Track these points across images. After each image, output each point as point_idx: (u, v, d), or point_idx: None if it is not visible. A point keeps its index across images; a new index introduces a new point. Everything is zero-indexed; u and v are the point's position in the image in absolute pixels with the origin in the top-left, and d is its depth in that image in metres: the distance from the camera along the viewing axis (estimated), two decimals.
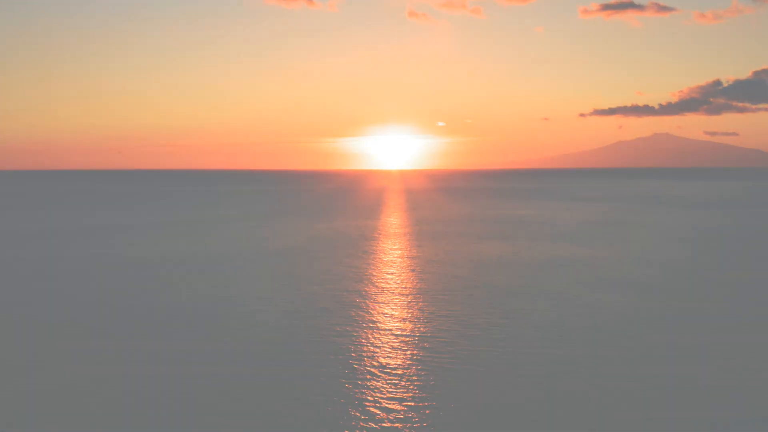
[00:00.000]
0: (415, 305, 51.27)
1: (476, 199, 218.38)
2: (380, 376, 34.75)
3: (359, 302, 52.41)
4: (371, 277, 64.18)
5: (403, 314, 48.40)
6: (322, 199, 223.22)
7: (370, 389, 32.75)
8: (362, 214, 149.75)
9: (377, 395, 31.93)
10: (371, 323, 45.78)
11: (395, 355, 38.47)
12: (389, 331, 43.83)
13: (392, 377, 34.49)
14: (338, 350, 39.24)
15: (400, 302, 52.50)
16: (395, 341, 41.30)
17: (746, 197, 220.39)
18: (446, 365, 36.31)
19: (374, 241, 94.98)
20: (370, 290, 57.39)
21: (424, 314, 48.17)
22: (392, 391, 32.52)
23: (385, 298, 54.21)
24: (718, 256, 78.49)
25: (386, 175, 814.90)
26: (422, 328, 44.39)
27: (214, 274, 65.81)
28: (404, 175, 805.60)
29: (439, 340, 41.35)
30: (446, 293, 55.59)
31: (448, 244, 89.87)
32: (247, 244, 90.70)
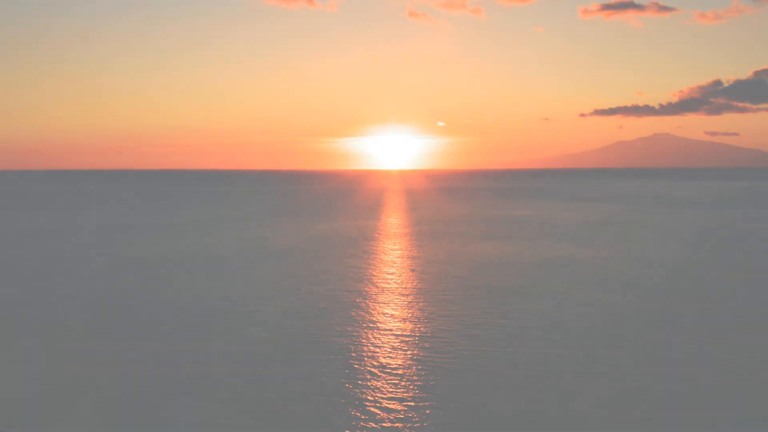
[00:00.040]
0: (415, 305, 51.27)
1: (476, 199, 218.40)
2: (380, 376, 34.75)
3: (359, 302, 52.42)
4: (371, 277, 64.18)
5: (403, 314, 48.40)
6: (322, 199, 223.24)
7: (370, 389, 32.74)
8: (362, 214, 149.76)
9: (377, 395, 31.93)
10: (371, 323, 45.78)
11: (395, 355, 38.47)
12: (389, 331, 43.83)
13: (392, 377, 34.50)
14: (338, 350, 39.24)
15: (400, 302, 52.51)
16: (395, 341, 41.30)
17: (746, 197, 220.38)
18: (446, 365, 36.32)
19: (374, 241, 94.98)
20: (370, 290, 57.39)
21: (424, 314, 48.18)
22: (392, 391, 32.51)
23: (385, 298, 54.22)
24: (718, 256, 78.49)
25: (386, 175, 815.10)
26: (422, 328, 44.39)
27: (213, 274, 65.82)
28: (404, 175, 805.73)
29: (439, 340, 41.36)
30: (446, 293, 55.59)
31: (448, 244, 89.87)
32: (247, 244, 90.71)
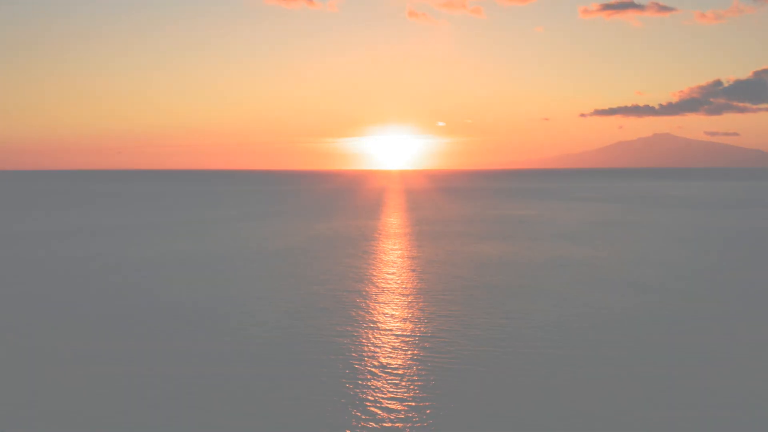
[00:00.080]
0: (415, 305, 51.25)
1: (476, 199, 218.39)
2: (381, 376, 34.74)
3: (359, 302, 52.41)
4: (371, 277, 64.16)
5: (403, 314, 48.39)
6: (322, 199, 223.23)
7: (370, 389, 32.73)
8: (362, 214, 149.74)
9: (378, 395, 31.92)
10: (371, 323, 45.77)
11: (396, 355, 38.45)
12: (390, 331, 43.82)
13: (393, 377, 34.48)
14: (338, 350, 39.23)
15: (400, 302, 52.49)
16: (396, 341, 41.29)
17: (747, 197, 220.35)
18: (447, 365, 36.30)
19: (374, 241, 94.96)
20: (370, 290, 57.37)
21: (424, 314, 48.16)
22: (393, 391, 32.50)
23: (385, 298, 54.20)
24: (718, 256, 78.46)
25: (386, 175, 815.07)
26: (423, 328, 44.38)
27: (214, 274, 65.80)
28: (404, 175, 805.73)
29: (439, 340, 41.34)
30: (446, 293, 55.58)
31: (448, 244, 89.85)
32: (247, 244, 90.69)
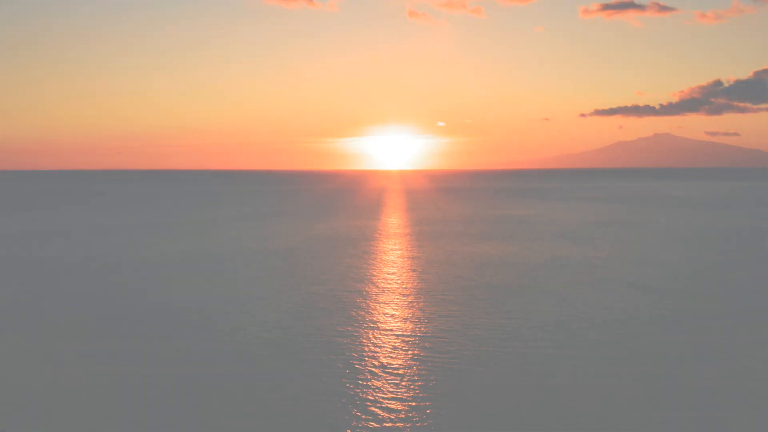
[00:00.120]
0: (415, 305, 51.25)
1: (476, 199, 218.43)
2: (381, 376, 34.73)
3: (359, 302, 52.40)
4: (371, 277, 64.17)
5: (403, 314, 48.38)
6: (322, 199, 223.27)
7: (370, 389, 32.72)
8: (362, 214, 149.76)
9: (378, 395, 31.91)
10: (372, 323, 45.77)
11: (396, 354, 38.45)
12: (390, 331, 43.81)
13: (393, 377, 34.47)
14: (338, 350, 39.22)
15: (400, 302, 52.49)
16: (396, 341, 41.28)
17: (747, 197, 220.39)
18: (447, 365, 36.29)
19: (374, 241, 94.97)
20: (370, 290, 57.38)
21: (424, 314, 48.16)
22: (393, 391, 32.49)
23: (385, 298, 54.20)
24: (718, 256, 78.46)
25: (386, 175, 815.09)
26: (423, 328, 44.37)
27: (214, 274, 65.81)
28: (404, 175, 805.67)
29: (439, 340, 41.34)
30: (447, 293, 55.57)
31: (448, 244, 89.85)
32: (247, 244, 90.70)
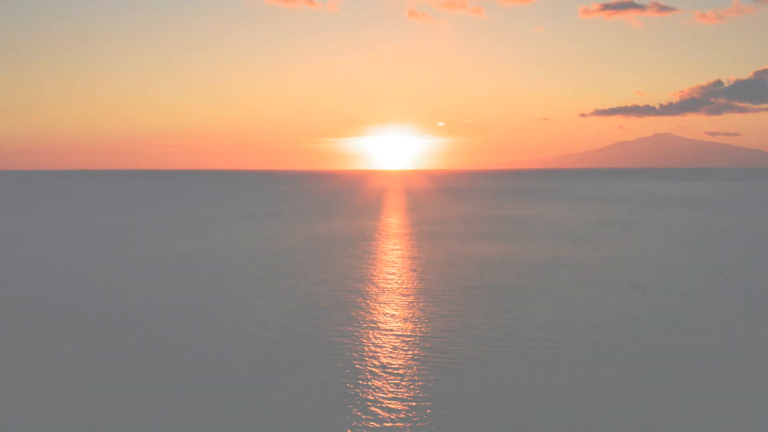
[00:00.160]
0: (415, 305, 51.25)
1: (476, 199, 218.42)
2: (381, 376, 34.74)
3: (360, 302, 52.41)
4: (372, 277, 64.17)
5: (403, 314, 48.39)
6: (322, 199, 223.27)
7: (370, 389, 32.72)
8: (362, 214, 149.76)
9: (378, 395, 31.91)
10: (372, 323, 45.77)
11: (396, 354, 38.45)
12: (390, 331, 43.82)
13: (393, 377, 34.47)
14: (338, 350, 39.23)
15: (400, 302, 52.49)
16: (396, 341, 41.28)
17: (747, 198, 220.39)
18: (447, 365, 36.29)
19: (375, 241, 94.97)
20: (370, 290, 57.38)
21: (424, 314, 48.16)
22: (393, 390, 32.49)
23: (385, 298, 54.20)
24: (718, 256, 78.45)
25: (386, 175, 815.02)
26: (423, 328, 44.38)
27: (214, 274, 65.81)
28: (404, 175, 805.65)
29: (439, 340, 41.34)
30: (447, 293, 55.57)
31: (448, 244, 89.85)
32: (247, 244, 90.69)
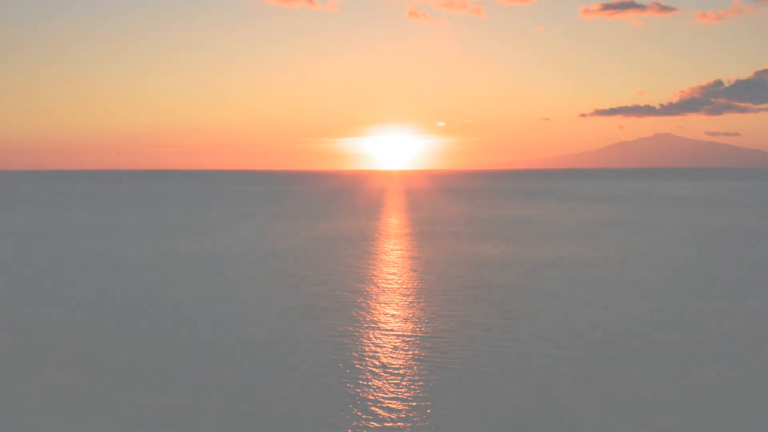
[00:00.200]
0: (416, 305, 51.25)
1: (477, 199, 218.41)
2: (381, 376, 34.73)
3: (360, 302, 52.40)
4: (372, 277, 64.16)
5: (404, 314, 48.38)
6: (322, 199, 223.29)
7: (371, 389, 32.71)
8: (362, 214, 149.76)
9: (378, 395, 31.90)
10: (372, 323, 45.76)
11: (396, 355, 38.44)
12: (390, 331, 43.81)
13: (393, 377, 34.47)
14: (339, 350, 39.22)
15: (401, 302, 52.48)
16: (396, 341, 41.28)
17: (747, 197, 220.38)
18: (448, 365, 36.28)
19: (375, 241, 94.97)
20: (371, 290, 57.37)
21: (425, 314, 48.15)
22: (394, 391, 32.48)
23: (386, 298, 54.20)
24: (718, 256, 78.43)
25: (386, 175, 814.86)
26: (423, 328, 44.37)
27: (214, 274, 65.81)
28: (404, 175, 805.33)
29: (440, 340, 41.33)
30: (447, 293, 55.57)
31: (448, 244, 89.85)
32: (247, 244, 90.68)
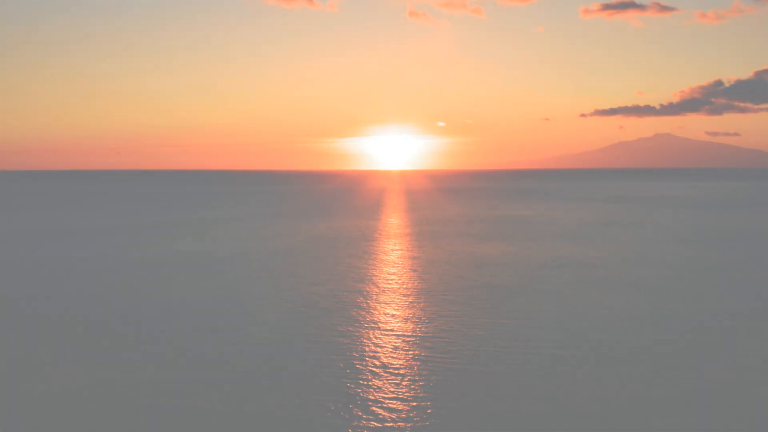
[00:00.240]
0: (416, 305, 51.21)
1: (477, 199, 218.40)
2: (382, 376, 34.69)
3: (360, 302, 52.37)
4: (372, 277, 64.14)
5: (404, 314, 48.35)
6: (322, 199, 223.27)
7: (371, 389, 32.68)
8: (363, 214, 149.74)
9: (379, 395, 31.87)
10: (372, 323, 45.73)
11: (397, 355, 38.41)
12: (390, 331, 43.78)
13: (394, 377, 34.43)
14: (339, 350, 39.18)
15: (401, 302, 52.45)
16: (396, 341, 41.24)
17: (747, 198, 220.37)
18: (448, 365, 36.25)
19: (375, 241, 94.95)
20: (371, 290, 57.34)
21: (425, 314, 48.12)
22: (394, 391, 32.45)
23: (386, 298, 54.17)
24: (718, 256, 78.41)
25: (386, 175, 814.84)
26: (423, 327, 44.34)
27: (214, 274, 65.77)
28: (404, 175, 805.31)
29: (440, 340, 41.30)
30: (447, 293, 55.54)
31: (448, 244, 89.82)
32: (247, 244, 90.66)
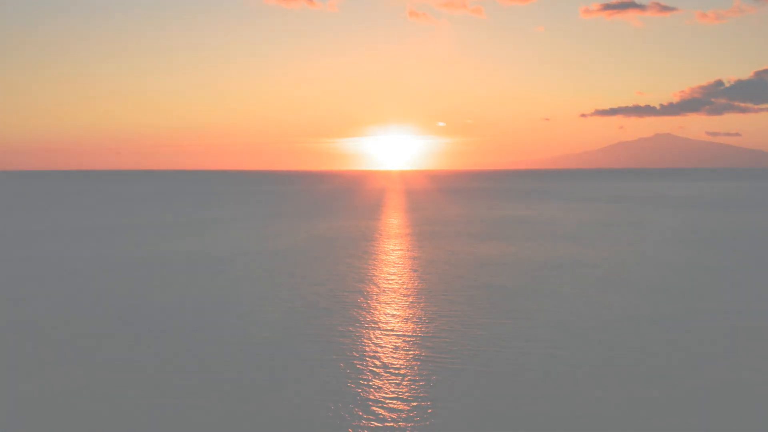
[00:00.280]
0: (416, 305, 51.16)
1: (477, 199, 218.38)
2: (382, 376, 34.64)
3: (360, 302, 52.31)
4: (372, 277, 64.08)
5: (404, 314, 48.29)
6: (322, 199, 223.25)
7: (371, 389, 32.62)
8: (363, 214, 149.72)
9: (379, 395, 31.81)
10: (372, 323, 45.68)
11: (397, 355, 38.35)
12: (391, 331, 43.72)
13: (394, 377, 34.38)
14: (339, 350, 39.13)
15: (401, 302, 52.40)
16: (397, 341, 41.19)
17: (748, 198, 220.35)
18: (448, 365, 36.20)
19: (375, 241, 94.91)
20: (371, 290, 57.29)
21: (425, 314, 48.07)
22: (394, 391, 32.40)
23: (386, 298, 54.11)
24: (719, 256, 78.36)
25: (386, 175, 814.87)
26: (424, 328, 44.28)
27: (214, 274, 65.73)
28: (404, 175, 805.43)
29: (440, 340, 41.25)
30: (448, 293, 55.49)
31: (448, 244, 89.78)
32: (247, 244, 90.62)
